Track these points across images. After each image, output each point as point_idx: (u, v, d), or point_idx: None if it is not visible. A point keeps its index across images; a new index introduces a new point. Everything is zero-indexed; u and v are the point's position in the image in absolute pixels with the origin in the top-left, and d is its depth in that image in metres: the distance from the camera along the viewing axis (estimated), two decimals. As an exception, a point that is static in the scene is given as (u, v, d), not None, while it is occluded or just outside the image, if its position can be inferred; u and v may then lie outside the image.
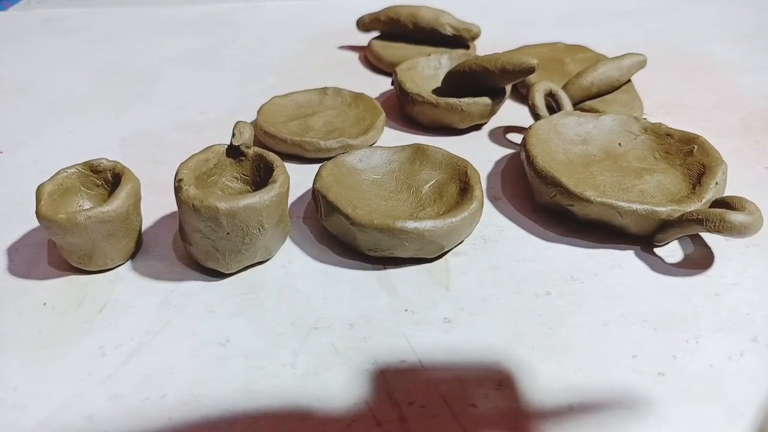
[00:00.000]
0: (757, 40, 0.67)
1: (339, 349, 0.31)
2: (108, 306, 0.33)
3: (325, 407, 0.28)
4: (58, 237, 0.33)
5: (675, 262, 0.36)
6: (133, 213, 0.35)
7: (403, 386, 0.29)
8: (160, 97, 0.56)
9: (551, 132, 0.43)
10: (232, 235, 0.32)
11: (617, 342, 0.31)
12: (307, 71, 0.62)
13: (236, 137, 0.36)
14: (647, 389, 0.29)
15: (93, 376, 0.30)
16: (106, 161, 0.37)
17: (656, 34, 0.70)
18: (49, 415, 0.28)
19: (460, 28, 0.60)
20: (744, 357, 0.30)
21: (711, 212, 0.34)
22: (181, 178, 0.33)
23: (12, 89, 0.58)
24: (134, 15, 0.78)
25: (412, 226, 0.34)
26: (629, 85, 0.52)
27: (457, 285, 0.35)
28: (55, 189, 0.35)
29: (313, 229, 0.39)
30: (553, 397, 0.29)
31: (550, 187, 0.38)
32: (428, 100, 0.48)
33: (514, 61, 0.45)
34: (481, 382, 0.29)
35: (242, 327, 0.32)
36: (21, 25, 0.74)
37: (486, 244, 0.38)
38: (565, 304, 0.33)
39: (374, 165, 0.41)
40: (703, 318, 0.33)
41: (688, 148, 0.41)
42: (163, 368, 0.30)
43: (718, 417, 0.28)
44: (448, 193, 0.38)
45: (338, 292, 0.34)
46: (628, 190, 0.38)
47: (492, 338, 0.32)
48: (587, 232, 0.38)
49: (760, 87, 0.57)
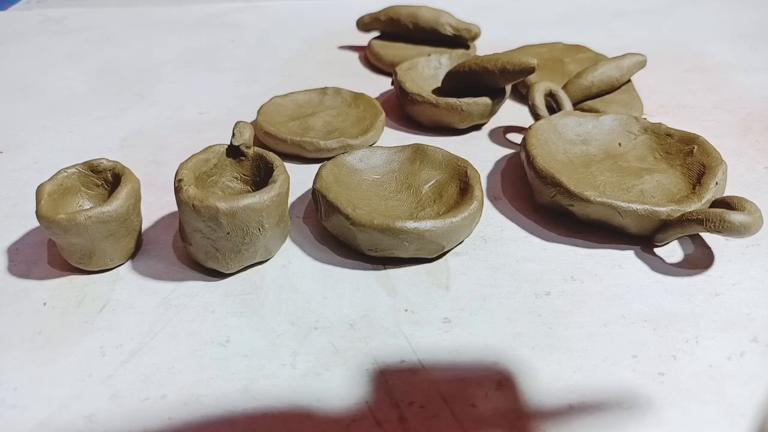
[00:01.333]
0: (757, 40, 0.67)
1: (339, 349, 0.31)
2: (108, 306, 0.33)
3: (325, 407, 0.28)
4: (58, 237, 0.33)
5: (675, 262, 0.36)
6: (133, 213, 0.35)
7: (403, 386, 0.29)
8: (160, 97, 0.56)
9: (551, 132, 0.43)
10: (232, 235, 0.32)
11: (617, 342, 0.31)
12: (307, 71, 0.62)
13: (236, 137, 0.36)
14: (647, 389, 0.29)
15: (93, 376, 0.30)
16: (106, 161, 0.37)
17: (656, 34, 0.70)
18: (49, 415, 0.28)
19: (460, 28, 0.60)
20: (744, 357, 0.30)
21: (711, 212, 0.34)
22: (181, 178, 0.33)
23: (12, 89, 0.58)
24: (134, 15, 0.78)
25: (412, 226, 0.34)
26: (629, 85, 0.52)
27: (457, 285, 0.35)
28: (55, 189, 0.35)
29: (313, 229, 0.39)
30: (552, 397, 0.29)
31: (550, 187, 0.38)
32: (428, 100, 0.48)
33: (514, 61, 0.45)
34: (481, 382, 0.29)
35: (242, 327, 0.32)
36: (21, 25, 0.74)
37: (486, 244, 0.38)
38: (565, 304, 0.33)
39: (374, 165, 0.41)
40: (703, 318, 0.33)
41: (688, 148, 0.41)
42: (163, 368, 0.30)
43: (718, 417, 0.28)
44: (448, 193, 0.38)
45: (338, 292, 0.34)
46: (628, 190, 0.38)
47: (492, 338, 0.32)
48: (587, 232, 0.38)
49: (760, 87, 0.57)
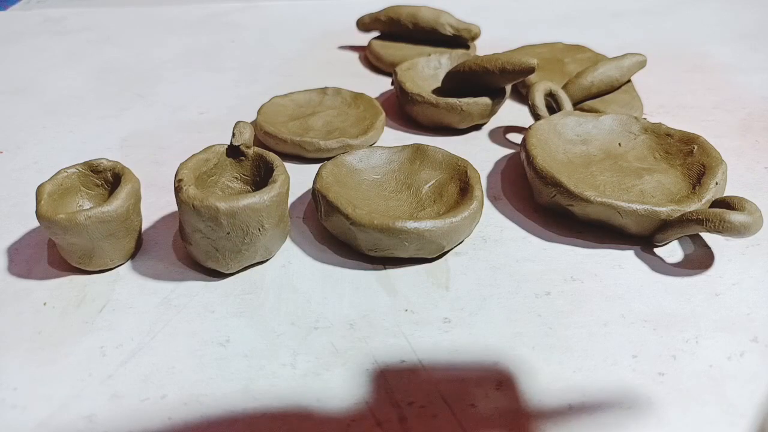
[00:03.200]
0: (757, 40, 0.67)
1: (339, 349, 0.31)
2: (108, 306, 0.33)
3: (325, 407, 0.28)
4: (58, 237, 0.33)
5: (675, 262, 0.36)
6: (133, 213, 0.35)
7: (403, 386, 0.29)
8: (160, 97, 0.56)
9: (551, 132, 0.43)
10: (232, 235, 0.32)
11: (617, 342, 0.31)
12: (307, 71, 0.62)
13: (236, 137, 0.36)
14: (647, 389, 0.29)
15: (93, 376, 0.30)
16: (106, 161, 0.37)
17: (656, 34, 0.70)
18: (49, 415, 0.28)
19: (460, 28, 0.60)
20: (744, 357, 0.30)
21: (711, 212, 0.34)
22: (181, 178, 0.33)
23: (12, 89, 0.58)
24: (134, 15, 0.78)
25: (412, 226, 0.34)
26: (629, 85, 0.52)
27: (457, 285, 0.35)
28: (55, 189, 0.35)
29: (313, 229, 0.39)
30: (552, 397, 0.29)
31: (550, 187, 0.38)
32: (428, 100, 0.48)
33: (514, 61, 0.45)
34: (481, 382, 0.29)
35: (242, 327, 0.32)
36: (21, 25, 0.74)
37: (486, 244, 0.38)
38: (565, 304, 0.33)
39: (374, 165, 0.41)
40: (703, 318, 0.33)
41: (688, 148, 0.41)
42: (163, 368, 0.30)
43: (718, 417, 0.28)
44: (448, 193, 0.38)
45: (338, 292, 0.34)
46: (628, 190, 0.38)
47: (492, 338, 0.32)
48: (587, 232, 0.38)
49: (760, 87, 0.57)
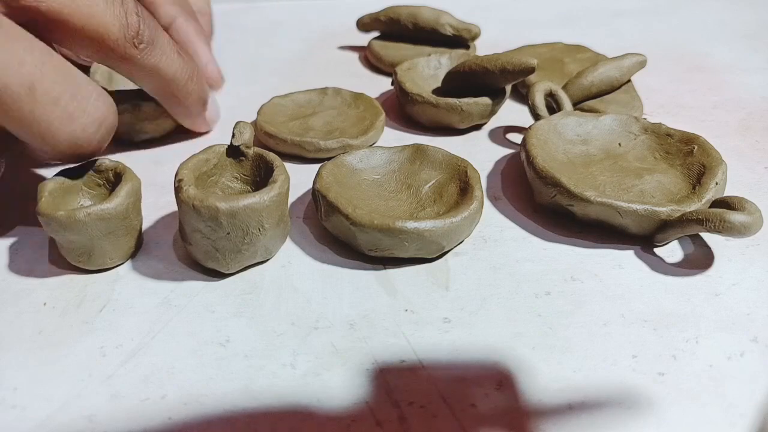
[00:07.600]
0: (757, 40, 0.67)
1: (339, 349, 0.31)
2: (108, 306, 0.33)
3: (325, 407, 0.28)
4: (58, 234, 0.33)
5: (675, 262, 0.36)
6: (133, 211, 0.35)
7: (403, 386, 0.29)
8: (160, 97, 0.56)
9: (551, 132, 0.43)
10: (232, 235, 0.32)
11: (617, 342, 0.31)
12: (307, 71, 0.62)
13: (236, 137, 0.36)
14: (647, 389, 0.29)
15: (93, 376, 0.30)
16: (108, 161, 0.37)
17: (656, 34, 0.70)
18: (49, 415, 0.28)
19: (460, 28, 0.60)
20: (744, 357, 0.30)
21: (711, 212, 0.34)
22: (181, 178, 0.33)
23: (12, 89, 0.58)
24: (134, 15, 0.77)
25: (412, 226, 0.34)
26: (629, 85, 0.52)
27: (457, 285, 0.35)
28: (57, 187, 0.35)
29: (313, 229, 0.39)
30: (552, 397, 0.29)
31: (550, 187, 0.38)
32: (428, 100, 0.48)
33: (514, 61, 0.45)
34: (481, 382, 0.29)
35: (242, 327, 0.32)
36: (21, 25, 0.74)
37: (486, 244, 0.38)
38: (565, 304, 0.33)
39: (374, 165, 0.41)
40: (703, 318, 0.33)
41: (688, 148, 0.41)
42: (163, 368, 0.30)
43: (718, 417, 0.28)
44: (448, 193, 0.38)
45: (338, 292, 0.34)
46: (628, 190, 0.38)
47: (492, 338, 0.32)
48: (587, 232, 0.38)
49: (760, 87, 0.57)
